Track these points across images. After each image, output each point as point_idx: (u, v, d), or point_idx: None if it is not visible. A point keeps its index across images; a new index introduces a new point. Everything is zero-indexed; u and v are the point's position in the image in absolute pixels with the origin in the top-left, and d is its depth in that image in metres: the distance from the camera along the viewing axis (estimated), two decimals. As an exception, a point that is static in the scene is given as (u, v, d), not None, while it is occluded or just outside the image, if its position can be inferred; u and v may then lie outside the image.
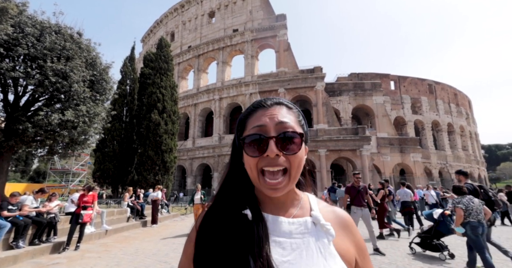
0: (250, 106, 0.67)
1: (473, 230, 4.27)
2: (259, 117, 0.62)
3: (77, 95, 8.80)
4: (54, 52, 8.45)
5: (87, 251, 6.46)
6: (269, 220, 0.60)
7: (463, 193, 4.60)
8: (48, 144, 9.12)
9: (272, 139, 0.57)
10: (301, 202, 0.66)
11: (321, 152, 25.17)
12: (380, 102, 30.42)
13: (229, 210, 0.61)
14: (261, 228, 0.57)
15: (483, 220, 4.33)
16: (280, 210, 0.63)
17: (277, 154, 0.57)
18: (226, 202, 0.63)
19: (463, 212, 4.39)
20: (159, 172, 17.09)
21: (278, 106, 0.64)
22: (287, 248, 0.57)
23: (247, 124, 0.63)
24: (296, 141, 0.59)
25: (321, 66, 28.02)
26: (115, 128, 17.20)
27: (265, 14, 31.66)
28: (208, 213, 0.64)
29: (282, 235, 0.59)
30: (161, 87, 18.53)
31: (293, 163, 0.58)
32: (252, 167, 0.58)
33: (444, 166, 34.43)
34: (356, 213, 6.17)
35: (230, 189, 0.65)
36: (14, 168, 45.86)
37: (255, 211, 0.60)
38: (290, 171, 0.58)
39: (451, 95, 39.72)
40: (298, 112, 0.68)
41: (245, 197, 0.63)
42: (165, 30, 40.83)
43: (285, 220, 0.61)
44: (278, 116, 0.61)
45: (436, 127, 36.75)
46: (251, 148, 0.59)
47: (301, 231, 0.59)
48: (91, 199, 6.98)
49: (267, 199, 0.64)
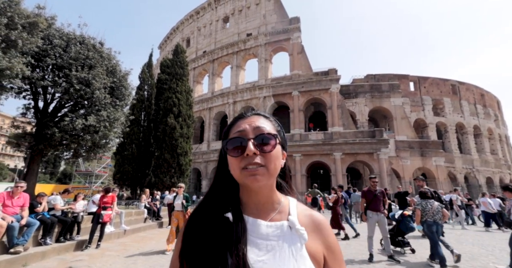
0: (232, 119, 0.76)
1: (428, 228, 5.25)
2: (240, 124, 0.71)
3: (99, 101, 9.33)
4: (78, 61, 9.04)
5: (107, 249, 6.79)
6: (249, 222, 0.67)
7: (427, 197, 5.56)
8: (73, 148, 9.70)
9: (250, 140, 0.65)
10: (280, 206, 0.72)
11: (336, 156, 24.69)
12: (398, 104, 29.43)
13: (213, 211, 0.69)
14: (240, 229, 0.63)
15: (438, 220, 5.26)
16: (260, 212, 0.69)
17: (255, 153, 0.64)
18: (211, 204, 0.71)
19: (420, 212, 5.38)
20: (175, 174, 17.54)
21: (256, 115, 0.74)
22: (263, 249, 0.63)
23: (230, 133, 0.72)
24: (271, 142, 0.66)
25: (335, 68, 27.64)
26: (133, 132, 17.90)
27: (279, 18, 31.82)
28: (194, 213, 0.72)
29: (260, 236, 0.65)
30: (176, 92, 19.11)
31: (269, 160, 0.65)
32: (235, 166, 0.65)
33: (471, 171, 32.53)
34: (372, 217, 5.98)
35: (216, 191, 0.73)
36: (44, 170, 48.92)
37: (237, 213, 0.67)
38: (267, 166, 0.65)
39: (477, 96, 37.61)
40: (275, 121, 0.76)
41: (229, 199, 0.70)
42: (181, 36, 42.12)
43: (264, 223, 0.67)
44: (255, 122, 0.70)
45: (461, 129, 34.91)
46: (233, 150, 0.66)
47: (277, 234, 0.65)
48: (111, 200, 7.33)
49: (250, 201, 0.70)
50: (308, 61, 29.71)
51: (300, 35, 30.33)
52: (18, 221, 5.33)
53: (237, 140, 0.67)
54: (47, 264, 5.31)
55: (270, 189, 0.71)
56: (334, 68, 27.70)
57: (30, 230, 5.60)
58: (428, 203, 5.39)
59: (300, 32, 30.34)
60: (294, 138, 26.32)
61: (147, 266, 5.33)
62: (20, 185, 5.69)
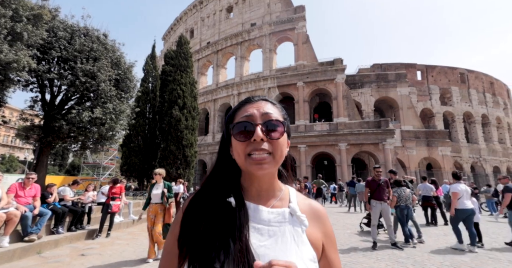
0: (239, 102, 0.74)
1: (401, 211, 6.22)
2: (247, 109, 0.69)
3: (104, 93, 9.38)
4: (83, 53, 9.05)
5: (117, 238, 7.01)
6: (250, 208, 0.66)
7: (401, 185, 6.53)
8: (81, 140, 9.85)
9: (258, 126, 0.64)
10: (281, 194, 0.72)
11: (341, 146, 24.61)
12: (405, 94, 28.91)
13: (215, 196, 0.67)
14: (243, 215, 0.63)
15: (409, 204, 6.30)
16: (262, 199, 0.69)
17: (262, 139, 0.63)
18: (212, 188, 0.69)
19: (396, 198, 6.29)
20: (181, 166, 17.75)
21: (264, 101, 0.72)
22: (265, 234, 0.63)
23: (235, 117, 0.70)
24: (279, 129, 0.65)
25: (341, 58, 27.10)
26: (139, 124, 18.02)
27: (283, 6, 31.06)
28: (195, 197, 0.70)
29: (261, 222, 0.65)
30: (181, 83, 19.05)
31: (276, 147, 0.64)
32: (240, 152, 0.64)
33: (477, 160, 32.16)
34: (375, 206, 6.06)
35: (217, 176, 0.71)
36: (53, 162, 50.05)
37: (239, 199, 0.66)
38: (274, 154, 0.64)
39: (486, 84, 36.65)
40: (281, 108, 0.75)
41: (230, 185, 0.69)
42: (185, 27, 41.60)
43: (265, 209, 0.67)
44: (264, 108, 0.69)
45: (468, 119, 34.27)
46: (239, 134, 0.65)
47: (278, 220, 0.66)
48: (119, 190, 7.50)
49: (252, 187, 0.70)
50: (313, 51, 29.17)
51: (305, 24, 29.65)
52: (31, 211, 5.52)
53: (244, 124, 0.66)
54: (60, 252, 5.52)
55: (273, 176, 0.71)
56: (339, 58, 27.17)
57: (42, 220, 5.80)
58: (402, 190, 6.35)
59: (305, 21, 29.64)
60: (299, 129, 26.22)
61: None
62: (31, 176, 5.84)
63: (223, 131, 0.75)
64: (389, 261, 4.65)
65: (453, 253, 5.19)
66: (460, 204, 5.66)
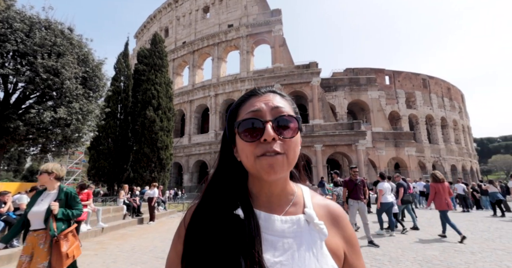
0: (242, 95, 0.64)
1: None
2: (253, 103, 0.60)
3: (70, 92, 8.67)
4: (44, 48, 8.29)
5: (83, 249, 6.40)
6: (261, 217, 0.58)
7: (338, 185, 7.66)
8: (41, 142, 9.01)
9: (269, 123, 0.55)
10: (295, 198, 0.64)
11: (317, 147, 25.30)
12: (375, 97, 30.59)
13: (220, 207, 0.59)
14: (253, 227, 0.55)
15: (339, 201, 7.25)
16: (273, 205, 0.61)
17: (274, 138, 0.54)
18: (216, 198, 0.61)
19: (335, 196, 7.51)
20: (155, 169, 17.02)
21: (272, 93, 0.63)
22: (279, 248, 0.55)
23: (240, 112, 0.61)
24: (292, 125, 0.57)
25: (316, 62, 27.99)
26: (109, 125, 17.00)
27: (260, 9, 31.36)
28: (198, 209, 0.61)
29: (275, 233, 0.57)
30: (155, 83, 18.33)
31: (289, 147, 0.56)
32: (249, 154, 0.55)
33: (438, 160, 34.95)
34: (353, 205, 6.29)
35: (221, 183, 0.63)
36: (6, 167, 45.22)
37: (247, 208, 0.58)
38: (287, 155, 0.55)
39: (444, 90, 40.10)
40: (291, 100, 0.66)
41: (237, 192, 0.61)
42: (159, 25, 40.23)
43: (278, 218, 0.59)
44: (273, 101, 0.59)
45: (430, 121, 37.17)
46: (246, 133, 0.56)
47: (294, 230, 0.58)
48: (86, 197, 6.93)
49: (261, 193, 0.62)
50: (289, 54, 29.77)
51: (282, 27, 30.20)
52: (-20, 223, 4.84)
53: (251, 121, 0.56)
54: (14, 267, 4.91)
55: (285, 179, 0.63)
56: (315, 61, 28.04)
57: (-6, 232, 5.11)
58: (340, 190, 7.27)
59: (282, 24, 30.19)
60: (276, 131, 26.48)
61: (129, 264, 5.12)
62: (-19, 184, 5.14)
63: (224, 129, 0.66)
64: (367, 258, 4.78)
65: (424, 248, 5.49)
66: (383, 199, 6.96)
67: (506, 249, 5.24)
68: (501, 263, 4.37)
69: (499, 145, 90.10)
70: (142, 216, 11.51)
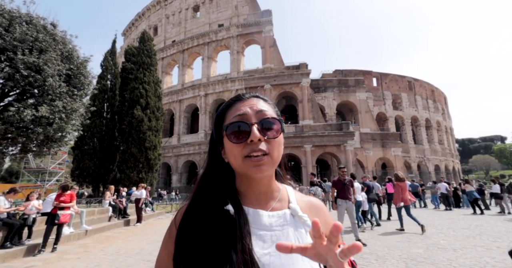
0: (227, 101, 0.70)
1: None
2: (239, 107, 0.65)
3: (52, 90, 8.35)
4: (25, 43, 7.95)
5: (65, 252, 6.20)
6: (250, 213, 0.63)
7: (315, 185, 7.51)
8: (21, 142, 8.63)
9: (254, 125, 0.61)
10: (280, 194, 0.69)
11: (307, 148, 25.53)
12: (363, 98, 31.20)
13: (210, 206, 0.63)
14: (243, 222, 0.59)
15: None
16: (260, 202, 0.66)
17: (259, 139, 0.59)
18: (206, 198, 0.65)
19: (312, 195, 6.97)
20: (143, 169, 16.64)
21: (256, 98, 0.69)
22: (268, 241, 0.59)
23: (226, 116, 0.66)
24: (275, 127, 0.63)
25: (306, 63, 28.25)
26: (95, 124, 16.49)
27: (251, 10, 31.35)
28: (189, 209, 0.64)
29: (263, 228, 0.61)
30: (144, 82, 17.93)
31: (274, 146, 0.61)
32: (237, 154, 0.60)
33: (422, 160, 36.03)
34: (341, 205, 6.37)
35: (210, 183, 0.67)
36: (-15, 168, 43.05)
37: (236, 205, 0.62)
38: (271, 154, 0.60)
39: (428, 92, 41.41)
40: (273, 105, 0.72)
41: (225, 191, 0.65)
42: (148, 23, 39.50)
43: (265, 213, 0.63)
44: (257, 105, 0.65)
45: (415, 122, 38.28)
46: (234, 135, 0.61)
47: (280, 223, 0.63)
48: (69, 198, 6.68)
49: (249, 191, 0.66)
50: (280, 55, 29.91)
51: (272, 28, 30.31)
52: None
53: (238, 124, 0.62)
54: None
55: (271, 177, 0.68)
56: (305, 62, 28.29)
57: (-32, 237, 4.83)
58: (316, 189, 7.27)
59: (272, 25, 30.31)
60: (266, 131, 26.53)
61: (113, 267, 4.98)
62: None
63: (211, 131, 0.71)
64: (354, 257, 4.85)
65: (410, 246, 5.63)
66: None
67: (485, 246, 5.44)
68: (480, 259, 4.54)
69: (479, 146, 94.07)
70: (129, 218, 11.24)
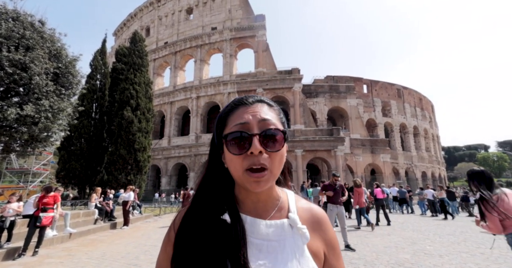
0: (230, 103, 0.66)
1: None
2: (241, 114, 0.61)
3: (39, 88, 8.11)
4: (11, 40, 7.72)
5: (47, 256, 5.96)
6: (247, 222, 0.61)
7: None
8: (3, 141, 8.30)
9: (256, 137, 0.57)
10: (280, 203, 0.67)
11: (298, 152, 25.68)
12: (353, 105, 31.78)
13: (208, 213, 0.62)
14: (239, 231, 0.58)
15: None
16: (258, 210, 0.64)
17: (260, 151, 0.57)
18: (205, 204, 0.64)
19: None
20: (132, 171, 16.29)
21: (260, 103, 0.64)
22: (263, 251, 0.58)
23: (228, 122, 0.63)
24: (279, 138, 0.60)
25: (298, 68, 28.61)
26: (83, 125, 16.07)
27: (244, 14, 31.61)
28: (187, 215, 0.64)
29: (260, 237, 0.60)
30: (134, 83, 17.68)
31: (275, 160, 0.59)
32: (237, 166, 0.58)
33: (410, 166, 36.85)
34: (332, 210, 6.42)
35: (209, 189, 0.65)
36: (-37, 168, 41.09)
37: (234, 213, 0.61)
38: (271, 168, 0.58)
39: (416, 100, 42.63)
40: (279, 110, 0.68)
41: (224, 198, 0.64)
42: (140, 24, 39.15)
43: (263, 222, 0.62)
44: (260, 113, 0.61)
45: (404, 129, 39.22)
46: (234, 146, 0.58)
47: (278, 233, 0.61)
48: (53, 200, 6.45)
49: (247, 199, 0.65)
50: (272, 59, 30.18)
51: (265, 33, 30.60)
52: None
53: (239, 135, 0.59)
54: None
55: (271, 187, 0.66)
56: (297, 67, 28.65)
57: None
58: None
59: (265, 30, 30.60)
60: (258, 135, 26.56)
61: (98, 272, 4.82)
62: None
63: (213, 135, 0.68)
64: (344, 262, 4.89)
65: (397, 252, 5.72)
66: None
67: (469, 252, 5.60)
68: (465, 265, 4.65)
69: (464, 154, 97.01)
70: (115, 221, 10.94)
